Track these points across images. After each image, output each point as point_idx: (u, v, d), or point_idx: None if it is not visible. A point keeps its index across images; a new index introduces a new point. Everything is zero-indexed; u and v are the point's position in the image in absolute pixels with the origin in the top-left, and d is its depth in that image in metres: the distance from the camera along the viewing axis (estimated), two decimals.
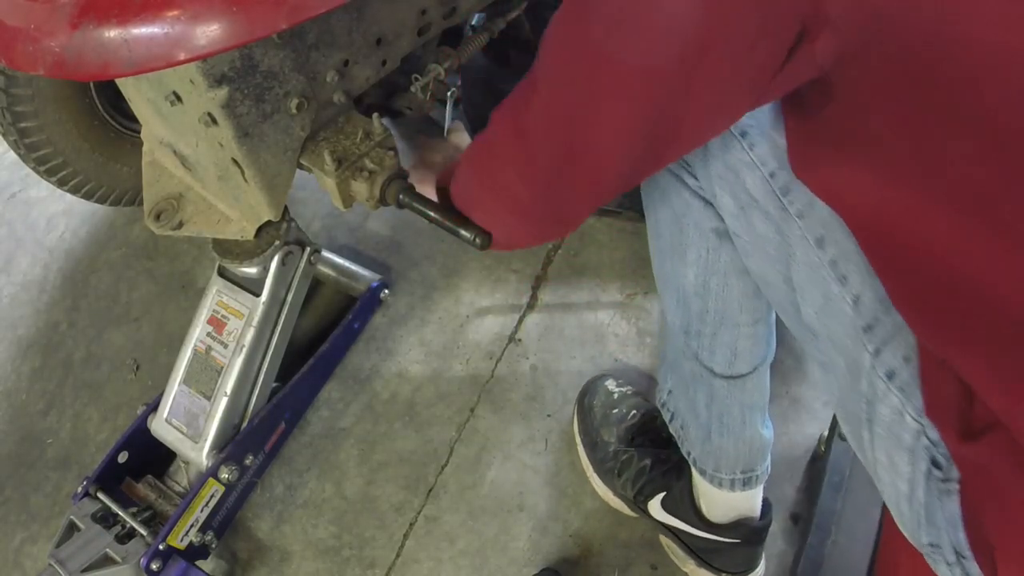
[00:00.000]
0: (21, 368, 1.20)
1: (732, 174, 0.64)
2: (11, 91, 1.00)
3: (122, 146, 1.19)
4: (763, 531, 0.91)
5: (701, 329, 0.77)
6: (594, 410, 1.03)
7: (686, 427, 0.86)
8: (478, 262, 1.25)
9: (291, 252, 0.95)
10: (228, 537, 1.00)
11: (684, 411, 0.86)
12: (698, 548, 0.92)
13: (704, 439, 0.84)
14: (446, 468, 1.06)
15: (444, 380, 1.13)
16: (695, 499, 0.90)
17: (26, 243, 1.34)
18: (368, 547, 1.00)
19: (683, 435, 0.87)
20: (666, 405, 0.89)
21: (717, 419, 0.82)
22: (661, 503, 0.93)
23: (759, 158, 0.61)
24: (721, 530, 0.90)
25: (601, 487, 1.00)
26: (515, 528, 1.01)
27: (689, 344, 0.79)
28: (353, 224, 1.30)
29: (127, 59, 0.55)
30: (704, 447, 0.85)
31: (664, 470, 0.94)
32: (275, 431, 1.02)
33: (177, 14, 0.54)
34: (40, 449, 1.11)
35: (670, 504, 0.93)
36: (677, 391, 0.86)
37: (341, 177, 0.83)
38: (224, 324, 0.95)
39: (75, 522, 0.90)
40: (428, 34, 0.92)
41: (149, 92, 0.81)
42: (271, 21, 0.56)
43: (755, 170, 0.62)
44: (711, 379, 0.80)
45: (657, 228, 0.77)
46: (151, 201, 0.94)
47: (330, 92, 0.83)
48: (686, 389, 0.84)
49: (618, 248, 1.27)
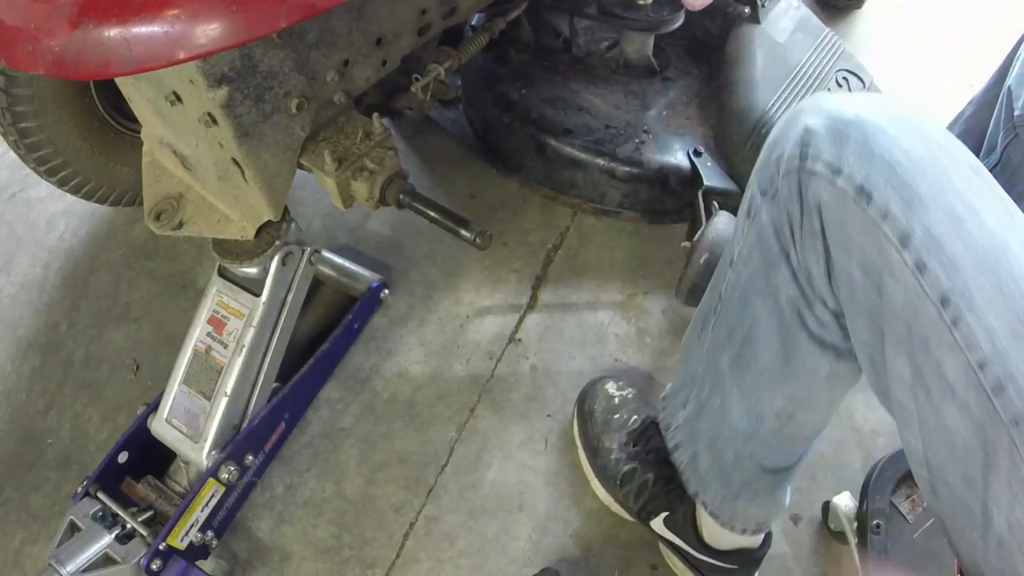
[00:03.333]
0: (21, 368, 1.19)
1: (920, 345, 0.53)
2: (11, 91, 1.00)
3: (122, 146, 1.19)
4: (762, 558, 0.92)
5: (768, 440, 0.76)
6: (594, 415, 1.02)
7: (699, 471, 0.83)
8: (478, 262, 1.25)
9: (291, 252, 0.94)
10: (228, 537, 1.00)
11: (705, 467, 0.83)
12: (696, 564, 0.92)
13: (726, 497, 0.83)
14: (446, 468, 1.06)
15: (444, 380, 1.13)
16: (697, 526, 0.90)
17: (26, 243, 1.34)
18: (368, 547, 1.00)
19: (692, 476, 0.85)
20: (670, 428, 0.85)
21: (746, 486, 0.81)
22: (663, 521, 0.93)
23: (966, 341, 0.50)
24: (721, 555, 0.90)
25: (602, 493, 1.00)
26: (515, 528, 1.01)
27: (747, 447, 0.77)
28: (353, 224, 1.30)
29: (127, 58, 0.55)
30: (723, 503, 0.84)
31: (667, 489, 0.92)
32: (275, 431, 1.02)
33: (177, 13, 0.54)
34: (40, 449, 1.11)
35: (671, 524, 0.92)
36: (701, 445, 0.82)
37: (341, 177, 0.83)
38: (224, 324, 0.95)
39: (75, 522, 0.90)
40: (428, 34, 0.92)
41: (149, 92, 0.80)
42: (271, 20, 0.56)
43: (958, 354, 0.50)
44: (759, 471, 0.79)
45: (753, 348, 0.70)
46: (151, 201, 0.94)
47: (330, 92, 0.83)
48: (718, 459, 0.81)
49: (618, 248, 1.27)
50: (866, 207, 0.53)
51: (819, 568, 0.97)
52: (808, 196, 0.58)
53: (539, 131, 1.16)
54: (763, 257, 0.66)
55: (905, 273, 0.52)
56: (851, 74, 1.22)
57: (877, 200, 0.53)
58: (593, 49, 1.27)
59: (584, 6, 1.17)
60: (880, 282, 0.55)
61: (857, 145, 0.54)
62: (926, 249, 0.51)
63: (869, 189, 0.53)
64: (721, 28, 1.23)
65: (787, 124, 0.61)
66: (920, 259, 0.51)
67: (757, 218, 0.65)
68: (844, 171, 0.54)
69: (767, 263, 0.66)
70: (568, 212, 1.30)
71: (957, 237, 0.50)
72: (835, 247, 0.58)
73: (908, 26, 1.66)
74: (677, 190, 1.14)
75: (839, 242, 0.58)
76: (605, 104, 1.18)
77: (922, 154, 0.53)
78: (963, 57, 1.60)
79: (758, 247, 0.66)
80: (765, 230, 0.64)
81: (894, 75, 1.53)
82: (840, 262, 0.58)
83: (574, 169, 1.16)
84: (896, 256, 0.52)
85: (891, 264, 0.53)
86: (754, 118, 1.09)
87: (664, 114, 1.19)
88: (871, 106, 0.56)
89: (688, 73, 1.26)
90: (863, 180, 0.53)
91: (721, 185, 1.10)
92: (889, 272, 0.53)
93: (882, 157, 0.53)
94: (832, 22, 1.64)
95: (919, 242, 0.51)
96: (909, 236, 0.51)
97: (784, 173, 0.60)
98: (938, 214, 0.51)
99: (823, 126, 0.56)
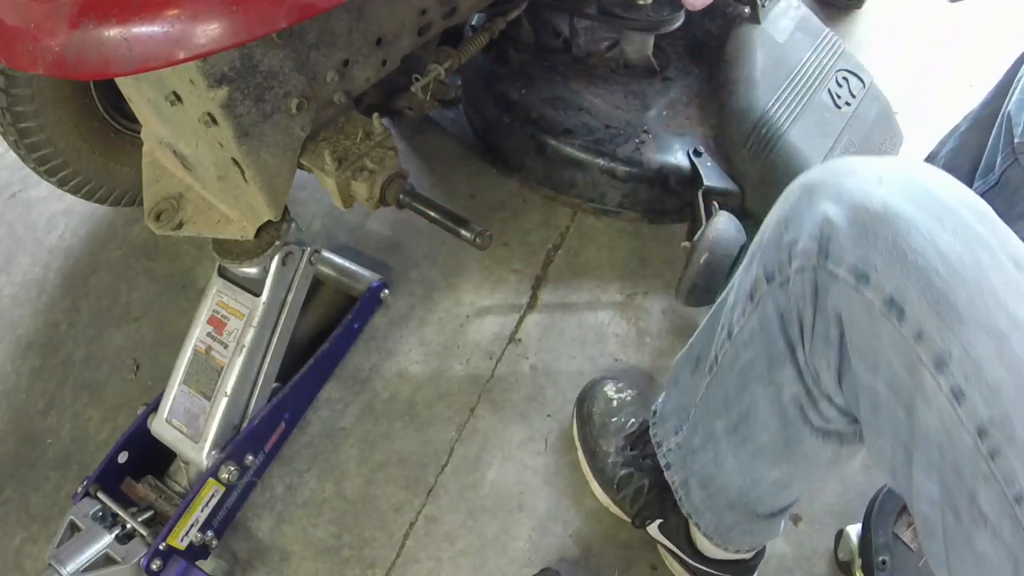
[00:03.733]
0: (21, 368, 1.19)
1: (953, 470, 0.49)
2: (11, 91, 1.00)
3: (122, 146, 1.19)
4: (756, 567, 0.92)
5: (763, 497, 0.75)
6: (593, 418, 1.02)
7: (692, 499, 0.82)
8: (478, 262, 1.25)
9: (291, 252, 0.94)
10: (228, 537, 1.00)
11: (698, 500, 0.82)
12: (692, 570, 0.92)
13: (719, 527, 0.82)
14: (446, 468, 1.06)
15: (444, 380, 1.13)
16: (691, 537, 0.90)
17: (26, 243, 1.34)
18: (368, 547, 1.00)
19: (684, 500, 0.84)
20: (661, 446, 0.84)
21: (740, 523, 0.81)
22: (659, 527, 0.93)
23: (1004, 474, 0.46)
24: (716, 564, 0.90)
25: (601, 494, 1.00)
26: (515, 528, 1.01)
27: (742, 499, 0.76)
28: (353, 224, 1.30)
29: (127, 58, 0.55)
30: (716, 530, 0.83)
31: (662, 497, 0.91)
32: (275, 431, 1.02)
33: (177, 13, 0.54)
34: (40, 449, 1.11)
35: (666, 531, 0.92)
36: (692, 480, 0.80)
37: (341, 177, 0.83)
38: (224, 324, 0.95)
39: (75, 522, 0.90)
40: (428, 34, 0.92)
41: (149, 92, 0.80)
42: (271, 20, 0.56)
43: (994, 485, 0.47)
44: (753, 516, 0.79)
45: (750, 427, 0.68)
46: (151, 201, 0.94)
47: (330, 92, 0.83)
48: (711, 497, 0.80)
49: (618, 248, 1.27)
50: (897, 323, 0.47)
51: (819, 568, 0.97)
52: (826, 302, 0.52)
53: (539, 131, 1.16)
54: (765, 349, 0.61)
55: (940, 399, 0.47)
56: (851, 74, 1.22)
57: (910, 316, 0.47)
58: (593, 49, 1.27)
59: (584, 6, 1.17)
60: (911, 403, 0.49)
61: (887, 246, 0.47)
62: (964, 376, 0.46)
63: (901, 303, 0.47)
64: (721, 28, 1.23)
65: (800, 203, 0.54)
66: (957, 386, 0.46)
67: (761, 305, 0.59)
68: (872, 279, 0.48)
69: (770, 357, 0.61)
70: (568, 212, 1.30)
71: (999, 359, 0.45)
72: (856, 360, 0.52)
73: (908, 26, 1.66)
74: (677, 190, 1.14)
75: (862, 355, 0.52)
76: (605, 104, 1.18)
77: (961, 255, 0.46)
78: (963, 57, 1.60)
79: (760, 335, 0.61)
80: (770, 321, 0.59)
81: (894, 75, 1.53)
82: (863, 376, 0.53)
83: (574, 169, 1.16)
84: (930, 380, 0.47)
85: (924, 388, 0.48)
86: (754, 118, 1.09)
87: (664, 114, 1.19)
88: (901, 191, 0.48)
89: (688, 73, 1.26)
90: (894, 291, 0.47)
91: (721, 185, 1.10)
92: (922, 396, 0.48)
93: (916, 264, 0.46)
94: (832, 22, 1.64)
95: (957, 366, 0.46)
96: (946, 360, 0.46)
97: (798, 268, 0.54)
98: (978, 332, 0.45)
99: (846, 219, 0.49)
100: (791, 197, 0.55)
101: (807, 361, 0.58)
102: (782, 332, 0.58)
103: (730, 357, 0.66)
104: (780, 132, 1.08)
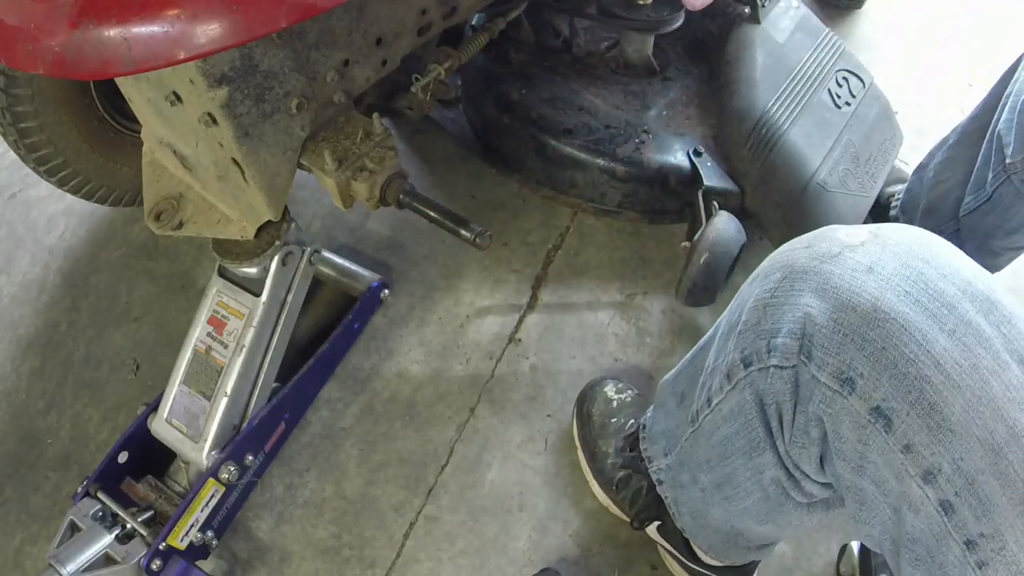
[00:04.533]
0: (21, 368, 1.19)
1: (940, 572, 0.47)
2: (11, 91, 1.00)
3: (122, 146, 1.19)
4: (755, 569, 0.92)
5: (751, 539, 0.74)
6: (592, 419, 1.02)
7: (684, 519, 0.82)
8: (478, 262, 1.25)
9: (291, 252, 0.94)
10: (228, 537, 1.00)
11: (689, 524, 0.81)
12: (691, 571, 0.92)
13: (713, 547, 0.82)
14: (446, 468, 1.06)
15: (444, 380, 1.13)
16: (688, 541, 0.90)
17: (26, 243, 1.34)
18: (368, 547, 1.00)
19: (677, 517, 0.83)
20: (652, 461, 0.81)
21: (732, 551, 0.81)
22: (657, 529, 0.93)
23: None
24: (713, 568, 0.90)
25: (601, 495, 1.00)
26: (515, 528, 1.01)
27: (731, 537, 0.76)
28: (353, 224, 1.30)
29: (127, 58, 0.55)
30: (710, 549, 0.83)
31: (659, 499, 0.90)
32: (275, 431, 1.02)
33: (177, 13, 0.54)
34: (40, 449, 1.11)
35: (664, 533, 0.92)
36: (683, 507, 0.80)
37: (341, 177, 0.83)
38: (224, 324, 0.95)
39: (75, 522, 0.90)
40: (428, 34, 0.92)
41: (149, 92, 0.80)
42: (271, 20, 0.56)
43: None
44: (745, 547, 0.79)
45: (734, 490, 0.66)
46: (151, 201, 0.94)
47: (330, 92, 0.83)
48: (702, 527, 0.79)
49: (618, 248, 1.27)
50: (884, 433, 0.44)
51: (819, 568, 0.97)
52: (808, 404, 0.49)
53: (539, 131, 1.16)
54: (744, 432, 0.58)
55: (928, 508, 0.44)
56: (851, 74, 1.22)
57: (898, 429, 0.44)
58: (593, 49, 1.27)
59: (584, 6, 1.17)
60: (898, 506, 0.46)
61: (875, 352, 0.43)
62: (954, 490, 0.43)
63: (888, 414, 0.44)
64: (721, 28, 1.23)
65: (781, 290, 0.49)
66: (947, 500, 0.43)
67: (739, 389, 0.56)
68: (857, 386, 0.44)
69: (748, 441, 0.58)
70: (568, 212, 1.30)
71: (993, 473, 0.42)
72: (840, 461, 0.49)
73: (908, 26, 1.66)
74: (677, 190, 1.13)
75: (846, 458, 0.48)
76: (605, 104, 1.18)
77: (958, 360, 0.42)
78: (963, 57, 1.60)
79: (739, 417, 0.58)
80: (748, 407, 0.56)
81: (894, 75, 1.53)
82: (847, 476, 0.49)
83: (574, 169, 1.16)
84: (918, 491, 0.44)
85: (911, 496, 0.45)
86: (754, 118, 1.09)
87: (664, 114, 1.19)
88: (894, 284, 0.43)
89: (688, 73, 1.26)
90: (881, 401, 0.44)
91: (721, 185, 1.10)
92: (909, 505, 0.45)
93: (907, 373, 0.42)
94: (832, 22, 1.64)
95: (947, 481, 0.43)
96: (935, 474, 0.43)
97: (777, 364, 0.50)
98: (972, 445, 0.42)
99: (830, 319, 0.45)
100: (771, 278, 0.51)
101: (787, 451, 0.55)
102: (761, 420, 0.56)
103: (710, 424, 0.64)
104: (780, 132, 1.08)
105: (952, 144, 1.08)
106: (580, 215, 1.30)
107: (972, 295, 0.43)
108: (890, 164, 1.19)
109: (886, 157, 1.19)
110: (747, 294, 0.55)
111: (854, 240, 0.47)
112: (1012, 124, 0.91)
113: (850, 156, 1.13)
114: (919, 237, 0.47)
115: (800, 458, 0.53)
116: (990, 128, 0.97)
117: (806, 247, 0.49)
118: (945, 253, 0.46)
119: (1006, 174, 0.94)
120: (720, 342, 0.60)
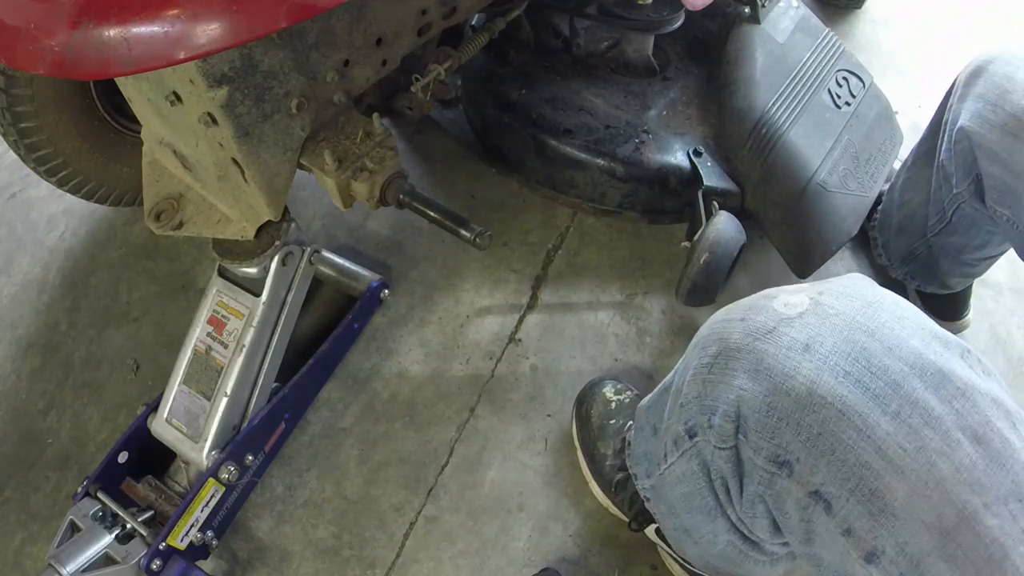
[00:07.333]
0: (21, 368, 1.19)
1: None
2: (11, 91, 1.00)
3: (122, 146, 1.19)
4: None
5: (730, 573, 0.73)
6: (591, 420, 1.02)
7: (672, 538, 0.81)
8: (478, 262, 1.25)
9: (291, 252, 0.94)
10: (228, 537, 1.00)
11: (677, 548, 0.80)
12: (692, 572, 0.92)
13: (705, 567, 0.81)
14: (446, 468, 1.06)
15: (444, 380, 1.13)
16: None
17: (26, 243, 1.34)
18: (368, 547, 1.00)
19: (664, 531, 0.82)
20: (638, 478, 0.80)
21: None
22: (655, 530, 0.93)
23: None
24: None
25: (600, 495, 1.00)
26: (515, 528, 1.01)
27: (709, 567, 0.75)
28: (353, 224, 1.30)
29: (127, 58, 0.55)
30: (705, 569, 0.82)
31: None
32: (275, 431, 1.02)
33: (177, 13, 0.54)
34: (40, 449, 1.11)
35: (662, 535, 0.92)
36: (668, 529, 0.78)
37: (341, 177, 0.83)
38: (224, 324, 0.95)
39: (75, 522, 0.90)
40: (428, 34, 0.92)
41: (149, 92, 0.80)
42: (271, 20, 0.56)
43: None
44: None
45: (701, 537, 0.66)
46: (151, 201, 0.94)
47: (330, 92, 0.83)
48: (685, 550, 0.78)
49: (618, 248, 1.27)
50: (824, 515, 0.43)
51: None
52: (748, 484, 0.48)
53: (539, 131, 1.16)
54: (699, 498, 0.57)
55: None
56: (851, 74, 1.22)
57: (838, 513, 0.42)
58: (593, 49, 1.27)
59: (584, 6, 1.17)
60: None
61: (810, 437, 0.41)
62: (899, 571, 0.41)
63: (827, 498, 0.42)
64: (721, 28, 1.23)
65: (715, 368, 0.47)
66: None
67: (686, 457, 0.55)
68: (795, 470, 0.43)
69: (703, 506, 0.57)
70: (568, 212, 1.30)
71: (940, 555, 0.40)
72: (788, 534, 0.48)
73: (908, 26, 1.66)
74: (677, 190, 1.13)
75: (792, 532, 0.47)
76: (605, 104, 1.18)
77: (902, 444, 0.39)
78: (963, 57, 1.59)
79: (690, 482, 0.57)
80: (696, 476, 0.55)
81: (894, 75, 1.53)
82: (798, 546, 0.48)
83: (574, 169, 1.16)
84: (862, 571, 0.43)
85: (856, 574, 0.43)
86: (754, 118, 1.09)
87: (664, 114, 1.19)
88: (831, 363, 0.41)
89: (688, 73, 1.26)
90: (819, 486, 0.42)
91: (721, 185, 1.10)
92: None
93: (844, 460, 0.41)
94: (832, 22, 1.64)
95: (890, 563, 0.41)
96: (878, 556, 0.41)
97: (717, 443, 0.49)
98: (918, 530, 0.40)
99: (763, 403, 0.43)
100: (708, 352, 0.48)
101: (740, 519, 0.54)
102: (710, 490, 0.54)
103: (670, 477, 0.62)
104: (780, 132, 1.08)
105: (909, 166, 1.10)
106: (580, 215, 1.30)
107: (921, 369, 0.41)
108: (890, 164, 1.20)
109: (886, 157, 1.19)
110: (689, 360, 0.53)
111: (791, 312, 0.45)
112: (951, 155, 0.92)
113: (850, 156, 1.13)
114: (865, 304, 0.44)
115: (754, 526, 0.52)
116: (936, 155, 0.98)
117: (741, 320, 0.46)
118: (891, 323, 0.43)
119: (956, 203, 0.96)
120: (672, 400, 0.58)
